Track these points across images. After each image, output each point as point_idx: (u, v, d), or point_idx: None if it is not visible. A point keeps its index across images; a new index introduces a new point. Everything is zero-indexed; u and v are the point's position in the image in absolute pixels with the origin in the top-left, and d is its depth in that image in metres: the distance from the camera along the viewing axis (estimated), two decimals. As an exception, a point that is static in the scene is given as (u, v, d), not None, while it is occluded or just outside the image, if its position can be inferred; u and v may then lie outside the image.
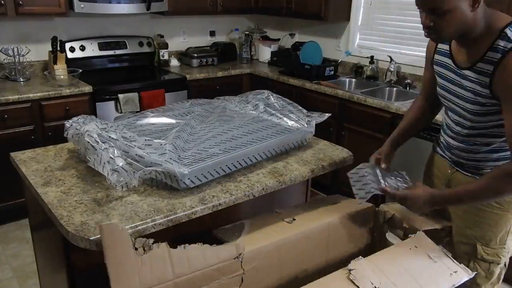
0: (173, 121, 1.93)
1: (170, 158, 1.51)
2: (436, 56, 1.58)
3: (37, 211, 1.65)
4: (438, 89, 1.61)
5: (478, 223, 1.58)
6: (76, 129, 1.61)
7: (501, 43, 1.31)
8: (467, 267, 1.51)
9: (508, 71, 1.30)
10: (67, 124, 1.67)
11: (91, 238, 1.24)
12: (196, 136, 1.77)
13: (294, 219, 1.51)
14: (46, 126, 3.03)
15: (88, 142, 1.50)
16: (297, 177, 1.72)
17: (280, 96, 2.15)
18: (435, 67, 1.60)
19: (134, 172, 1.46)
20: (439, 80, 1.59)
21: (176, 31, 4.20)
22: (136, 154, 1.51)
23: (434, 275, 1.35)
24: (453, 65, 1.49)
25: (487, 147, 1.52)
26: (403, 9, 3.44)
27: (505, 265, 1.63)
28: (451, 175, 1.66)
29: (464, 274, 1.36)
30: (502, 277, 1.65)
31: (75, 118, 1.70)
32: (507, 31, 1.31)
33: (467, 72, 1.43)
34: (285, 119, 1.99)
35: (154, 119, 1.93)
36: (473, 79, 1.41)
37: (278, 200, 1.94)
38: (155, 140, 1.62)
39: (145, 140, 1.62)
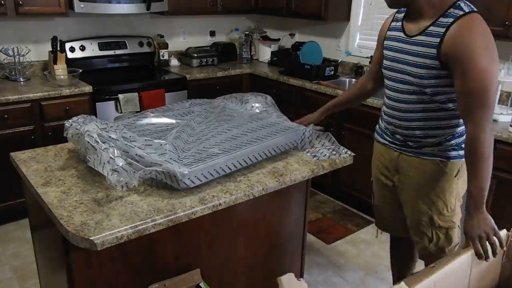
0: (173, 121, 1.93)
1: (170, 158, 1.51)
2: (389, 33, 1.75)
3: (37, 211, 1.65)
4: (385, 62, 1.76)
5: (429, 196, 1.74)
6: (76, 129, 1.61)
7: (454, 11, 1.50)
8: (430, 236, 1.78)
9: (456, 32, 1.47)
10: (67, 124, 1.67)
11: (91, 238, 1.24)
12: (196, 137, 1.77)
13: None
14: (46, 126, 3.03)
15: (88, 142, 1.50)
16: (297, 177, 1.72)
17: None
18: (385, 42, 1.75)
19: (134, 172, 1.46)
20: (387, 53, 1.74)
21: (176, 31, 4.20)
22: (136, 154, 1.51)
23: None
24: (404, 36, 1.65)
25: (430, 116, 1.65)
26: (403, 9, 3.44)
27: (458, 226, 1.80)
28: (397, 159, 1.80)
29: None
30: (460, 236, 1.82)
31: (75, 118, 1.70)
32: (460, 3, 1.51)
33: (417, 38, 1.59)
34: (285, 117, 2.00)
35: (154, 119, 1.93)
36: (422, 42, 1.57)
37: (277, 200, 1.94)
38: (155, 140, 1.62)
39: (145, 140, 1.61)
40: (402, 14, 1.70)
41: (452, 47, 1.48)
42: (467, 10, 1.49)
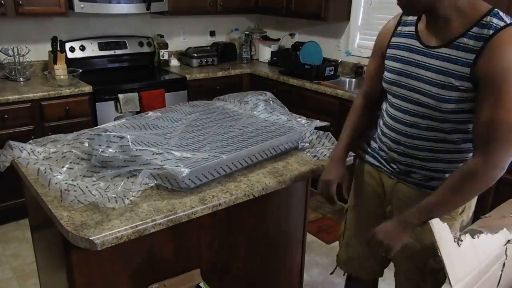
0: (174, 123, 1.93)
1: (170, 160, 1.51)
2: (394, 39, 1.44)
3: (37, 211, 1.65)
4: (388, 75, 1.44)
5: (427, 236, 1.38)
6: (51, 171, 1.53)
7: (493, 20, 1.20)
8: (420, 283, 1.46)
9: (500, 51, 1.17)
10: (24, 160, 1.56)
11: (91, 238, 1.24)
12: (196, 139, 1.77)
13: None
14: (46, 126, 3.03)
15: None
16: (297, 177, 1.71)
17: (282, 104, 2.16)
18: (389, 50, 1.45)
19: (132, 182, 1.45)
20: (393, 64, 1.42)
21: (176, 31, 4.20)
22: (132, 155, 1.51)
23: None
24: (420, 45, 1.34)
25: (444, 146, 1.37)
26: (403, 9, 3.44)
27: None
28: (393, 187, 1.51)
29: None
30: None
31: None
32: (499, 11, 1.22)
33: (441, 50, 1.28)
34: (284, 117, 2.00)
35: (155, 121, 1.93)
36: (449, 56, 1.26)
37: (277, 200, 1.94)
38: (155, 143, 1.62)
39: (141, 142, 1.62)
40: (414, 17, 1.40)
41: (491, 66, 1.18)
42: (508, 21, 1.19)
